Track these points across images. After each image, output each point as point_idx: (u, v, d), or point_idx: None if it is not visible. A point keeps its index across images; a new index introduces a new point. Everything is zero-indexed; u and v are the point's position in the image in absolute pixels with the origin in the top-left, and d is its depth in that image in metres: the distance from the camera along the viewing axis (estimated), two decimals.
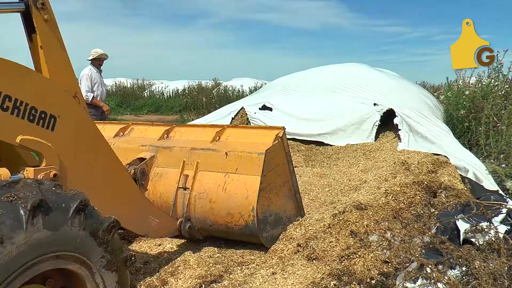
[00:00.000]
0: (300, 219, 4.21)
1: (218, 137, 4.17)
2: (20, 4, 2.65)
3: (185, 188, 3.91)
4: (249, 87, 22.25)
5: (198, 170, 3.94)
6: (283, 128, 4.08)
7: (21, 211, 1.94)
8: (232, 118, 9.21)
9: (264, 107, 9.25)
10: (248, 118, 9.11)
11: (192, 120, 12.68)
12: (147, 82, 28.83)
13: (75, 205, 2.14)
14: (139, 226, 3.38)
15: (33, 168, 2.50)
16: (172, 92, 24.17)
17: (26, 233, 1.94)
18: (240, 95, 19.10)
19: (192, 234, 3.93)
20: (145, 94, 26.15)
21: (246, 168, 3.76)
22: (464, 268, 3.24)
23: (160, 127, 4.56)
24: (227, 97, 19.03)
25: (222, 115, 9.47)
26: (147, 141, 4.37)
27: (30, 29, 2.75)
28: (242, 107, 9.38)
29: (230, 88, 21.22)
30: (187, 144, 4.15)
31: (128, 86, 26.84)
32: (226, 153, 3.88)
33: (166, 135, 4.42)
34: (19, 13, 2.73)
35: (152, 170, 4.11)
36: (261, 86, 19.37)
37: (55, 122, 2.60)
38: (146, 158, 4.09)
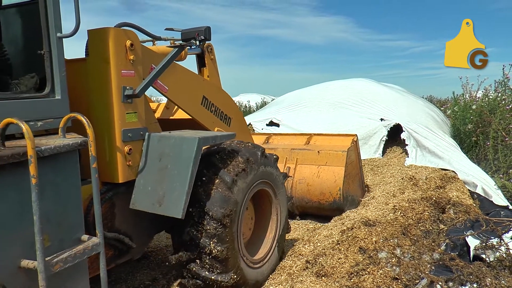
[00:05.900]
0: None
1: (308, 141, 5.88)
2: (199, 49, 4.09)
3: (288, 176, 5.07)
4: (256, 103, 22.27)
5: (298, 164, 5.54)
6: (356, 135, 5.74)
7: (258, 153, 3.48)
8: None
9: (271, 123, 9.31)
10: None
11: None
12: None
13: (274, 157, 3.67)
14: None
15: None
16: None
17: (260, 166, 3.46)
18: (247, 111, 19.12)
19: (293, 209, 5.41)
20: None
21: (334, 161, 5.34)
22: (475, 285, 3.21)
23: (261, 136, 6.43)
24: None
25: None
26: None
27: (200, 64, 4.20)
28: (250, 123, 9.44)
29: (237, 104, 21.23)
30: (286, 146, 5.84)
31: None
32: (318, 152, 5.49)
33: (267, 140, 6.20)
34: (195, 55, 4.17)
35: None
36: (268, 102, 19.44)
37: (230, 121, 4.10)
38: None
